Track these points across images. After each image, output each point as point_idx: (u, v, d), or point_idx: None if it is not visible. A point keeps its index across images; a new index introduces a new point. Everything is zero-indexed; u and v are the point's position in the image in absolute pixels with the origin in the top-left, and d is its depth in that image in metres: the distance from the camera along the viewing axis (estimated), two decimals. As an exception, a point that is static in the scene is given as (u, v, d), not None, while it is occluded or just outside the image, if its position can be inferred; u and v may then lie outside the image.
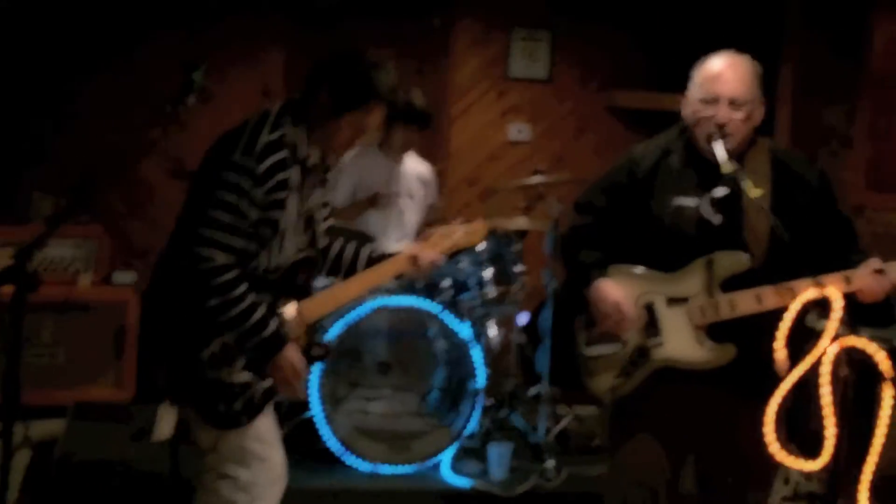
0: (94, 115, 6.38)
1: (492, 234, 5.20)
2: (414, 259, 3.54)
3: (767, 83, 6.27)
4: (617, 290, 3.46)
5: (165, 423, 3.94)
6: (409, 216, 5.79)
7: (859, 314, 3.27)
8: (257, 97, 6.64)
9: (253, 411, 3.31)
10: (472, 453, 5.12)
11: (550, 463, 4.97)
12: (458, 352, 5.06)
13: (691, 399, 3.44)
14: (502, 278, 5.16)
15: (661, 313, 3.45)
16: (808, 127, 6.24)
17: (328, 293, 3.53)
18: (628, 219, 3.51)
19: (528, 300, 5.56)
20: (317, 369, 4.81)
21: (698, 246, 3.40)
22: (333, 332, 4.83)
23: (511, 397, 5.44)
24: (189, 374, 3.25)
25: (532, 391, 5.47)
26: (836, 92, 6.05)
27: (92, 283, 5.79)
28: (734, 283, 3.36)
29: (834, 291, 3.20)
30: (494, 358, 5.39)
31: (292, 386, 3.33)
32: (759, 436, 3.30)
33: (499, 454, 4.89)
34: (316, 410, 4.83)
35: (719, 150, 3.31)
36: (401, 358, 5.19)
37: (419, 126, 5.60)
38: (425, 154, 6.02)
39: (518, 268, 5.24)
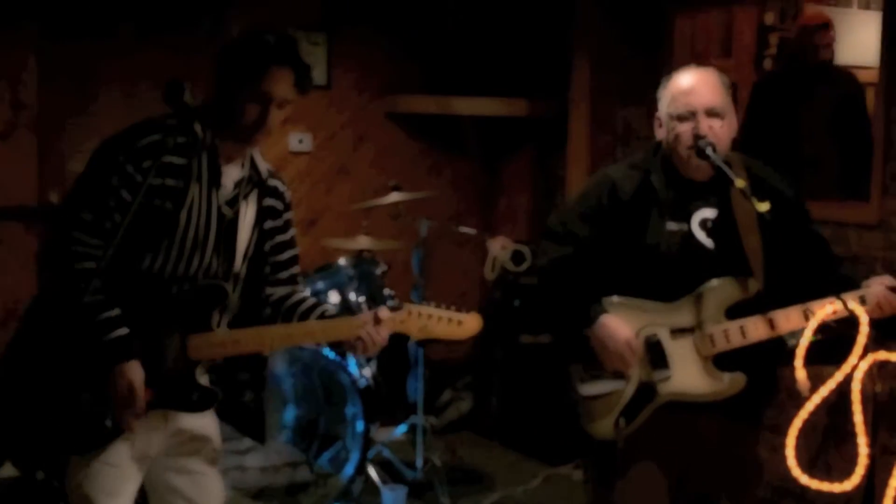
0: None
1: (357, 258, 4.78)
2: (358, 334, 2.89)
3: (560, 83, 6.33)
4: (625, 327, 3.18)
5: None
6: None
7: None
8: (8, 110, 5.93)
9: (102, 438, 2.81)
10: (353, 499, 4.67)
11: (446, 500, 4.63)
12: (337, 389, 4.58)
13: (691, 428, 3.24)
14: (373, 304, 4.72)
15: (666, 346, 3.22)
16: (605, 126, 6.19)
17: (231, 334, 2.93)
18: (615, 246, 3.25)
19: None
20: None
21: (695, 272, 3.20)
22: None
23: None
24: None
25: (405, 423, 5.05)
26: (635, 90, 5.94)
27: None
28: (738, 309, 3.19)
29: (857, 306, 3.10)
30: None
31: (120, 411, 2.77)
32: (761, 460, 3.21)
33: (394, 498, 4.49)
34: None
35: (719, 163, 3.13)
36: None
37: None
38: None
39: (387, 291, 4.81)
